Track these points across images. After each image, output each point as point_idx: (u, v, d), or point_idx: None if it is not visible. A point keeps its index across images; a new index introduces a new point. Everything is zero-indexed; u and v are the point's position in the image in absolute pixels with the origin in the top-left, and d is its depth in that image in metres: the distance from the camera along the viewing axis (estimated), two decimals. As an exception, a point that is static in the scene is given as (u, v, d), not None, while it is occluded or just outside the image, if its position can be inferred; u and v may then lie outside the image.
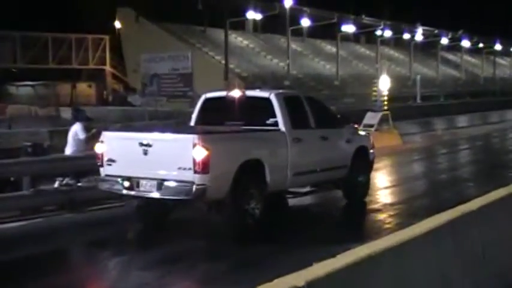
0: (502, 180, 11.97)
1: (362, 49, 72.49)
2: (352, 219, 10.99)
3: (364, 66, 66.84)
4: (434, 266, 4.82)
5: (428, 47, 75.70)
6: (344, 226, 10.37)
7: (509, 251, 5.98)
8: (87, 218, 10.33)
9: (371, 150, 11.69)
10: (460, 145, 24.31)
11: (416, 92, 55.09)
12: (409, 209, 11.17)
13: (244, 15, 50.89)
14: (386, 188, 13.79)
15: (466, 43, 75.15)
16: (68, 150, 11.95)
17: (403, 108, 40.08)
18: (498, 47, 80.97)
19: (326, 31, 61.61)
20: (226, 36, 47.85)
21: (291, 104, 10.01)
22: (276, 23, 56.44)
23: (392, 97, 28.55)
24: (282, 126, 9.66)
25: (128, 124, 23.82)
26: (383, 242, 4.41)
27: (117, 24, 54.26)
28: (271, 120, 9.75)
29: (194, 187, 8.13)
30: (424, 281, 4.65)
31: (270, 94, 9.94)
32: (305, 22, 55.19)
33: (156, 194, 8.52)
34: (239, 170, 8.58)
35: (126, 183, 8.77)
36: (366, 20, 60.47)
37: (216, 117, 10.30)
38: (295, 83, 53.01)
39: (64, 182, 11.17)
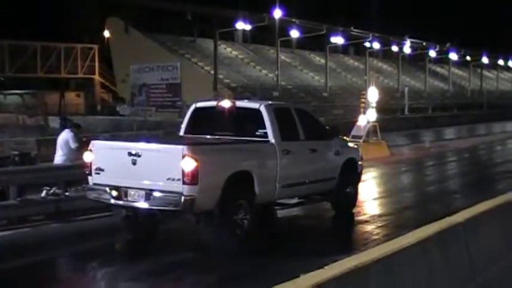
0: (488, 192, 12.04)
1: (351, 61, 72.91)
2: (340, 230, 11.03)
3: (353, 78, 67.20)
4: (422, 277, 4.81)
5: (416, 60, 76.28)
6: (332, 237, 10.41)
7: (496, 262, 5.99)
8: (74, 227, 10.27)
9: (359, 162, 11.77)
10: (447, 157, 24.45)
11: (404, 104, 55.42)
12: (397, 221, 11.21)
13: (233, 26, 51.02)
14: (374, 199, 13.83)
15: (453, 56, 75.83)
16: (58, 159, 11.90)
17: (391, 120, 40.28)
18: (485, 60, 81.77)
19: (315, 42, 61.98)
20: (215, 46, 47.98)
21: (280, 116, 10.00)
22: (265, 34, 56.71)
23: (381, 109, 28.68)
24: (271, 138, 9.65)
25: (117, 133, 23.74)
26: (371, 254, 4.40)
27: (106, 34, 54.22)
28: (260, 132, 9.76)
29: (183, 198, 8.09)
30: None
31: (260, 105, 9.94)
32: (294, 33, 55.46)
33: (144, 204, 8.49)
34: (228, 181, 8.56)
35: (114, 193, 8.73)
36: (355, 31, 60.84)
37: (206, 127, 10.29)
38: (284, 94, 53.14)
39: (51, 191, 11.12)
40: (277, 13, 50.29)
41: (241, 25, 51.30)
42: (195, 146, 8.59)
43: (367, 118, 22.40)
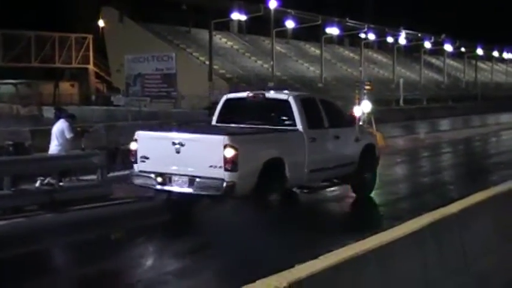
0: (482, 183, 12.07)
1: (346, 52, 72.88)
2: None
3: (348, 68, 67.20)
4: (417, 268, 4.83)
5: (412, 51, 76.29)
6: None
7: (489, 253, 5.98)
8: (68, 218, 10.25)
9: (377, 148, 12.53)
10: (442, 148, 24.50)
11: (399, 95, 55.47)
12: (393, 211, 11.24)
13: (228, 16, 50.92)
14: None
15: (448, 47, 75.91)
16: (53, 148, 11.86)
17: (386, 111, 40.32)
18: (480, 51, 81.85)
19: (310, 33, 61.90)
20: (210, 37, 47.88)
21: (307, 106, 10.68)
22: (261, 25, 56.58)
23: (376, 100, 28.70)
24: (299, 127, 10.35)
25: (112, 124, 23.72)
26: (365, 244, 4.40)
27: (101, 24, 53.99)
28: (289, 121, 10.45)
29: (224, 183, 8.87)
30: (406, 282, 4.65)
31: (289, 96, 10.68)
32: (289, 24, 55.41)
33: (188, 190, 9.23)
34: (263, 167, 9.29)
35: (159, 179, 9.47)
36: (350, 22, 60.83)
37: (236, 116, 10.95)
38: (279, 84, 53.10)
39: (46, 181, 11.10)
40: (273, 3, 50.18)
41: (236, 15, 51.23)
42: (235, 136, 9.26)
43: (362, 109, 22.41)
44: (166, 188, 9.52)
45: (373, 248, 4.34)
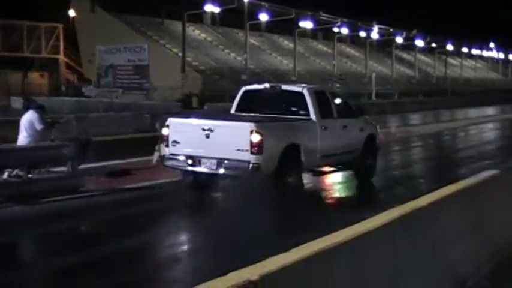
0: (452, 177, 12.23)
1: (319, 45, 73.10)
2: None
3: (321, 62, 67.44)
4: (387, 260, 4.88)
5: (384, 46, 76.84)
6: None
7: (458, 246, 6.08)
8: (37, 210, 10.08)
9: (377, 138, 13.66)
10: (412, 142, 24.76)
11: (371, 89, 55.88)
12: (364, 204, 11.30)
13: (202, 8, 50.58)
14: (340, 183, 13.91)
15: (419, 43, 76.66)
16: (22, 140, 11.65)
17: (358, 105, 40.46)
18: (450, 47, 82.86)
19: (284, 26, 61.90)
20: (183, 28, 47.51)
21: (318, 97, 11.80)
22: (234, 17, 56.42)
23: (349, 93, 28.90)
24: (312, 116, 11.45)
25: (82, 115, 23.47)
26: (337, 236, 4.43)
27: (72, 13, 53.20)
28: (302, 111, 11.54)
29: (250, 165, 9.96)
30: (377, 275, 4.69)
31: (303, 89, 11.79)
32: (263, 17, 55.31)
33: (217, 170, 10.33)
34: (283, 151, 10.40)
35: (190, 161, 10.54)
36: (323, 16, 60.95)
37: (254, 106, 11.99)
38: (252, 77, 53.03)
39: (14, 173, 10.90)
40: (246, -4, 50.08)
41: (210, 7, 50.92)
42: (261, 123, 10.37)
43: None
44: (196, 169, 10.58)
45: (344, 240, 4.37)
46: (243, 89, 12.56)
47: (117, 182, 12.43)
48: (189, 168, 10.63)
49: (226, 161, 10.20)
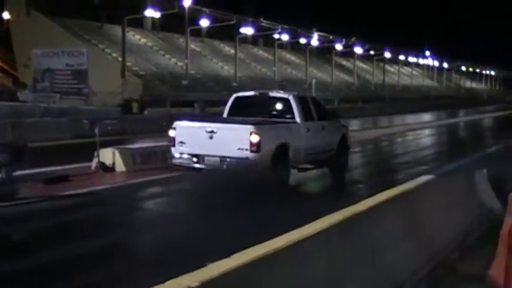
0: (390, 182, 12.49)
1: (260, 52, 73.54)
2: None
3: (262, 68, 67.86)
4: (327, 265, 4.92)
5: (324, 52, 78.02)
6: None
7: (396, 250, 6.14)
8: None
9: (349, 138, 15.23)
10: (352, 148, 25.12)
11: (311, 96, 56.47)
12: (303, 210, 11.37)
13: (142, 13, 50.02)
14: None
15: (358, 50, 78.22)
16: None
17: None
18: (388, 54, 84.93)
19: (225, 32, 61.98)
20: (123, 33, 46.90)
21: (302, 103, 13.30)
22: (175, 22, 56.07)
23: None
24: (297, 119, 12.92)
25: (18, 120, 22.79)
26: (277, 242, 4.44)
27: (6, 16, 51.62)
28: (288, 115, 12.96)
29: (249, 162, 11.34)
30: (317, 280, 4.71)
31: (289, 95, 13.41)
32: (204, 22, 55.21)
33: (220, 167, 11.57)
34: (275, 150, 11.82)
35: (195, 159, 11.88)
36: (264, 23, 61.41)
37: (244, 111, 13.21)
38: (193, 83, 52.84)
39: None
40: (187, 1, 49.87)
41: (150, 12, 50.43)
42: (259, 125, 11.74)
43: None
44: (201, 166, 11.85)
45: (285, 246, 4.39)
46: (234, 95, 13.93)
47: (55, 188, 12.08)
48: (195, 165, 11.93)
49: (228, 159, 11.53)
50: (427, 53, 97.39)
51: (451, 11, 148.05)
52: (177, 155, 12.16)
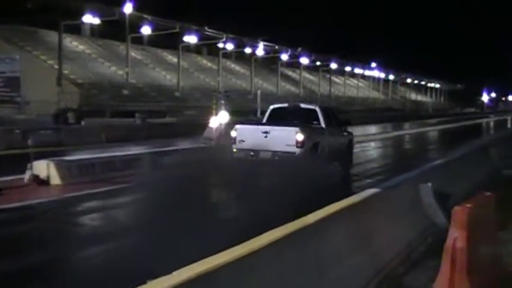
0: (341, 193, 11.56)
1: (204, 61, 72.33)
2: None
3: (206, 78, 66.64)
4: (273, 280, 4.86)
5: (269, 63, 77.52)
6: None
7: (345, 262, 6.12)
8: None
9: (353, 141, 18.57)
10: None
11: (257, 106, 55.56)
12: (251, 222, 10.33)
13: (80, 19, 47.98)
14: (227, 200, 13.01)
15: (304, 60, 78.08)
16: None
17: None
18: (334, 65, 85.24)
19: (168, 40, 60.45)
20: (60, 39, 44.98)
21: (325, 112, 16.74)
22: (116, 29, 54.16)
23: (234, 111, 28.01)
24: (323, 125, 16.21)
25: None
26: (221, 257, 4.36)
27: None
28: (315, 121, 16.21)
29: (295, 155, 14.31)
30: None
31: (315, 106, 16.97)
32: (146, 30, 53.65)
33: (272, 159, 14.41)
34: (312, 146, 14.92)
35: (252, 153, 14.76)
36: (209, 31, 60.22)
37: (280, 118, 16.34)
38: (134, 92, 51.07)
39: None
40: (128, 8, 48.22)
41: (89, 18, 48.41)
42: (302, 127, 14.85)
43: (219, 120, 21.51)
44: (257, 159, 14.59)
45: (229, 261, 4.32)
46: (271, 107, 17.38)
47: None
48: (254, 158, 14.76)
49: (279, 153, 14.47)
50: (373, 64, 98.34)
51: (398, 23, 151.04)
52: (237, 150, 15.06)
